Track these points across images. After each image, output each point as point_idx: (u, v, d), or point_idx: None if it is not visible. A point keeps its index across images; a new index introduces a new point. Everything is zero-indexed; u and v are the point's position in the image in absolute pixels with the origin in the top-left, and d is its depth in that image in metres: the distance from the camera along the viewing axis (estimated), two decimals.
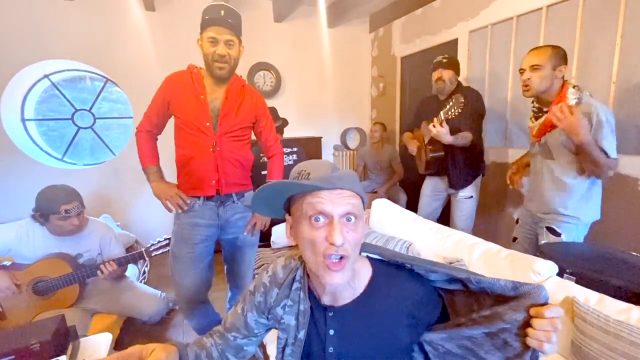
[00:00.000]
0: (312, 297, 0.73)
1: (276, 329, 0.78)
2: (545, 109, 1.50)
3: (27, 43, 2.68)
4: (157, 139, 1.48)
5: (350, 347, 0.69)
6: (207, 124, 1.35)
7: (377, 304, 0.69)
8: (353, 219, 0.62)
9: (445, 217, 2.44)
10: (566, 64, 1.45)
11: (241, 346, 0.79)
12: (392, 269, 0.72)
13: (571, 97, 1.36)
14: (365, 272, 0.71)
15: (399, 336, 0.68)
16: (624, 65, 1.77)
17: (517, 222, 1.86)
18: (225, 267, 1.66)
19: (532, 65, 1.45)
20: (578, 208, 1.49)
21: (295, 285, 0.74)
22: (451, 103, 1.79)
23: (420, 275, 0.71)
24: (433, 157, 2.12)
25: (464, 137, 1.98)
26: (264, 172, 2.34)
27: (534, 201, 1.65)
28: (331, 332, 0.70)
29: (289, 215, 0.71)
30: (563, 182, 1.49)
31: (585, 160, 1.38)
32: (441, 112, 1.84)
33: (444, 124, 1.85)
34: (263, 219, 1.53)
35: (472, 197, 2.23)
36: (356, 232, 0.63)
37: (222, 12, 1.28)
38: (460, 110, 1.78)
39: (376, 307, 0.69)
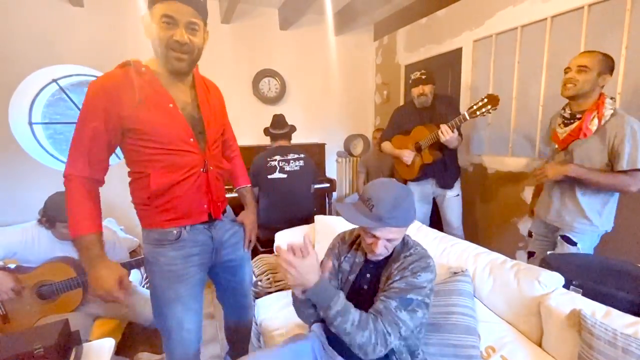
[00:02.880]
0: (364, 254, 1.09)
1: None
2: (578, 116, 1.48)
3: (36, 48, 2.72)
4: (98, 191, 1.03)
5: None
6: (191, 139, 1.05)
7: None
8: (389, 242, 0.99)
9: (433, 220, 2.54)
10: (611, 74, 1.45)
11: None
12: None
13: (608, 107, 1.41)
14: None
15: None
16: (628, 76, 1.77)
17: (529, 235, 1.84)
18: (218, 293, 1.44)
19: (580, 66, 1.43)
20: (595, 219, 1.51)
21: (354, 246, 1.14)
22: (485, 101, 1.85)
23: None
24: (435, 160, 2.21)
25: (460, 141, 2.14)
26: (270, 177, 2.35)
27: (550, 212, 1.64)
28: (368, 275, 1.07)
29: None
30: (584, 194, 1.50)
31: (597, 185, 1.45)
32: (465, 112, 1.92)
33: (455, 130, 1.98)
34: (254, 229, 1.36)
35: (459, 194, 2.36)
36: (391, 242, 1.00)
37: None
38: (496, 108, 1.85)
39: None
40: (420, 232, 1.75)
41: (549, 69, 2.14)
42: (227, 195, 1.29)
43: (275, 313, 1.59)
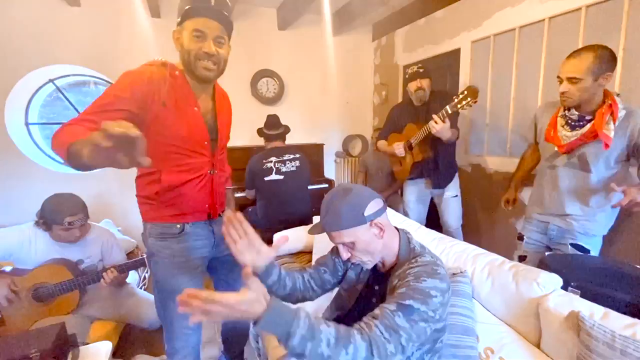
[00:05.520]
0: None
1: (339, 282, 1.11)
2: (587, 117, 1.36)
3: (33, 48, 2.70)
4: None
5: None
6: (205, 143, 1.14)
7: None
8: (348, 247, 0.94)
9: (430, 220, 2.51)
10: (612, 69, 1.29)
11: (325, 280, 1.08)
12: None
13: (621, 107, 1.31)
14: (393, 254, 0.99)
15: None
16: (626, 78, 1.77)
17: (519, 238, 1.80)
18: (216, 288, 1.45)
19: (569, 78, 1.30)
20: (605, 221, 1.49)
21: None
22: (465, 93, 1.74)
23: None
24: (424, 158, 2.16)
25: (454, 133, 2.05)
26: (266, 178, 2.35)
27: (554, 215, 1.58)
28: (376, 287, 1.02)
29: None
30: (599, 195, 1.43)
31: None
32: (447, 106, 1.83)
33: (446, 119, 1.85)
34: None
35: (457, 195, 2.32)
36: (354, 250, 0.93)
37: (213, 1, 1.03)
38: (476, 101, 1.74)
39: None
40: (418, 233, 1.75)
41: (547, 70, 2.15)
42: (237, 195, 1.39)
43: None
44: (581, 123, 1.39)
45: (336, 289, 1.15)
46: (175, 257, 1.17)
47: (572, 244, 1.53)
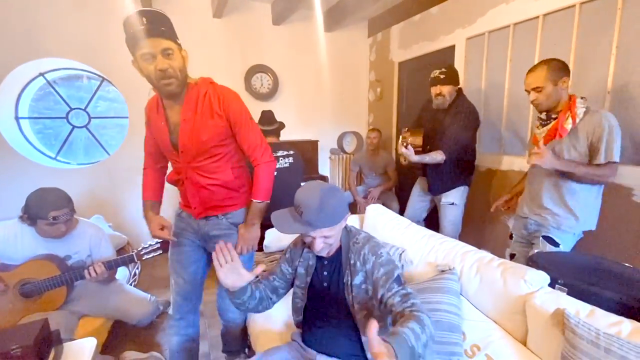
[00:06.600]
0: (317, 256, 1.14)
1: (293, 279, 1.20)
2: (553, 116, 1.56)
3: (23, 41, 2.67)
4: (162, 172, 1.46)
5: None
6: (174, 152, 1.28)
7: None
8: (326, 238, 1.02)
9: (434, 224, 2.44)
10: (567, 74, 1.51)
11: (276, 287, 1.18)
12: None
13: (580, 107, 1.49)
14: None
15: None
16: (619, 75, 1.77)
17: (510, 237, 1.85)
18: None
19: (534, 88, 1.54)
20: (582, 215, 1.54)
21: (306, 249, 1.15)
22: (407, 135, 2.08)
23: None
24: (407, 165, 2.21)
25: (432, 158, 2.06)
26: None
27: (533, 211, 1.67)
28: (325, 273, 1.11)
29: None
30: (568, 190, 1.54)
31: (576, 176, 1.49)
32: (400, 136, 2.04)
33: (409, 147, 1.99)
34: (249, 242, 1.35)
35: (454, 204, 2.24)
36: (329, 239, 1.02)
37: (144, 20, 1.07)
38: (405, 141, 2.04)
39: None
40: (409, 230, 1.74)
41: None
42: None
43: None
44: (548, 121, 1.58)
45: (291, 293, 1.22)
46: (175, 232, 1.42)
47: (544, 236, 1.61)
